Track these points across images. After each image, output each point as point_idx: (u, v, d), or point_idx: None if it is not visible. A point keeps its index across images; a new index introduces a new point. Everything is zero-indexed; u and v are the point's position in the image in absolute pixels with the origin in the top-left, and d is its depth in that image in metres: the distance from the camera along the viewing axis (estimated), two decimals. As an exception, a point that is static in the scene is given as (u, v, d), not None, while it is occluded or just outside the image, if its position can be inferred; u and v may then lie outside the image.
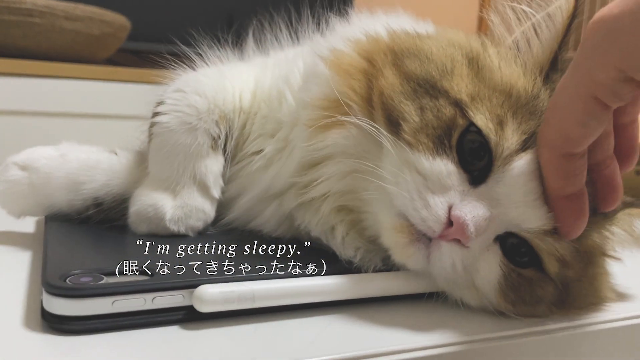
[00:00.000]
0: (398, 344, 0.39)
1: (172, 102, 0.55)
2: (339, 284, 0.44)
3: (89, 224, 0.55)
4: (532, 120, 0.43)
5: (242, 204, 0.54)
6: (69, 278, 0.39)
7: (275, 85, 0.56)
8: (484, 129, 0.42)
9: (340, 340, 0.39)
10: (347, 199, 0.49)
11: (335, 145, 0.48)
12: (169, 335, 0.39)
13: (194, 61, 0.60)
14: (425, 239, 0.43)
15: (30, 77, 1.50)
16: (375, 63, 0.48)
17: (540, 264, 0.44)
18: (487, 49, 0.47)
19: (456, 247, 0.42)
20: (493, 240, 0.44)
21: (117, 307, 0.38)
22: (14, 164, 0.55)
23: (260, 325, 0.41)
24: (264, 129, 0.55)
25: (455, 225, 0.41)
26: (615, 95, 0.37)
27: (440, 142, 0.43)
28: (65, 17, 1.52)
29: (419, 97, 0.44)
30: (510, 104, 0.43)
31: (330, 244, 0.48)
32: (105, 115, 1.55)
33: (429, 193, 0.42)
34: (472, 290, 0.45)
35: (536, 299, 0.44)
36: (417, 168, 0.43)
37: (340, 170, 0.48)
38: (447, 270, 0.43)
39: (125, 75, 1.61)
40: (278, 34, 0.63)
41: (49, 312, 0.38)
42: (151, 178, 0.54)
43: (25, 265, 0.49)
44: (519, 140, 0.42)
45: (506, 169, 0.42)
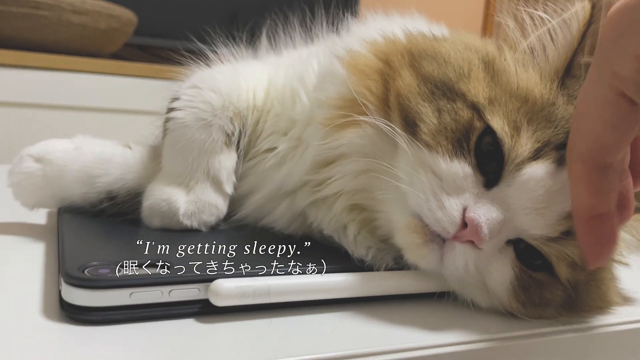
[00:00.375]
0: (409, 341, 0.40)
1: (187, 98, 0.55)
2: (353, 281, 0.44)
3: (102, 217, 0.55)
4: (547, 129, 0.43)
5: (254, 201, 0.55)
6: (87, 269, 0.39)
7: (289, 83, 0.57)
8: (499, 132, 0.43)
9: (353, 336, 0.40)
10: (361, 197, 0.49)
11: (351, 145, 0.48)
12: (185, 327, 0.39)
13: (208, 58, 0.61)
14: (439, 240, 0.43)
15: (36, 69, 1.50)
16: (392, 64, 0.48)
17: (552, 268, 0.44)
18: (503, 53, 0.48)
19: (469, 249, 0.43)
20: (506, 243, 0.44)
21: (135, 299, 0.38)
22: (29, 156, 0.56)
23: (274, 320, 0.41)
24: (276, 126, 0.56)
25: (469, 227, 0.41)
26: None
27: (459, 145, 0.43)
28: (72, 11, 1.52)
29: (436, 99, 0.45)
30: (526, 109, 0.44)
31: (342, 243, 0.49)
32: (111, 110, 1.56)
33: (444, 194, 0.43)
34: (483, 291, 0.45)
35: (545, 301, 0.45)
36: (433, 169, 0.43)
37: (355, 169, 0.48)
38: (459, 271, 0.43)
39: (131, 69, 1.61)
40: (292, 33, 0.64)
41: (68, 303, 0.38)
42: (165, 173, 0.55)
43: (40, 256, 0.50)
44: (532, 148, 0.42)
45: (517, 175, 0.42)
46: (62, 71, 1.53)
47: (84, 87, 1.55)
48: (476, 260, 0.43)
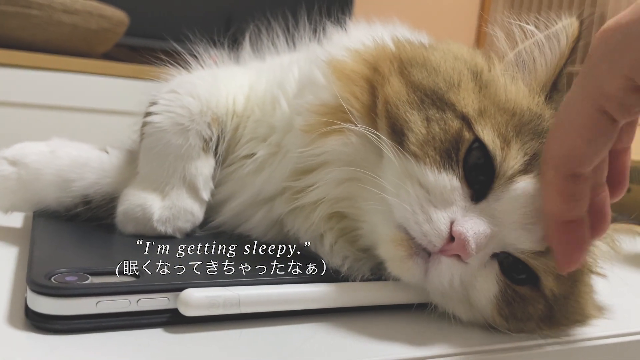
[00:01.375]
0: (384, 354, 0.39)
1: (165, 102, 0.54)
2: (326, 292, 0.43)
3: (77, 221, 0.55)
4: (534, 141, 0.43)
5: (231, 208, 0.54)
6: (54, 277, 0.39)
7: (269, 90, 0.56)
8: (490, 146, 0.42)
9: (325, 348, 0.39)
10: (343, 205, 0.48)
11: (333, 152, 0.47)
12: (153, 337, 0.38)
13: (188, 62, 0.60)
14: (424, 253, 0.43)
15: (25, 68, 1.50)
16: (380, 70, 0.47)
17: (537, 282, 0.44)
18: (492, 65, 0.47)
19: (456, 263, 0.42)
20: (490, 257, 0.44)
21: (102, 307, 0.38)
22: (3, 159, 0.55)
23: (245, 331, 0.40)
24: (255, 132, 0.55)
25: (456, 241, 0.41)
26: (624, 107, 0.35)
27: (447, 156, 0.43)
28: (63, 10, 1.52)
29: (426, 107, 0.44)
30: (514, 122, 0.43)
31: (318, 252, 0.48)
32: (100, 110, 1.55)
33: (431, 207, 0.42)
34: (465, 304, 0.45)
35: (527, 315, 0.44)
36: (420, 181, 0.43)
37: (337, 177, 0.47)
38: (444, 285, 0.43)
39: (121, 70, 1.60)
40: (275, 39, 0.63)
41: (33, 311, 0.37)
42: (140, 178, 0.54)
43: (11, 261, 0.49)
44: (521, 161, 0.42)
45: (507, 188, 0.42)
46: (52, 71, 1.53)
47: (73, 87, 1.55)
48: (462, 275, 0.43)
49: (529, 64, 0.47)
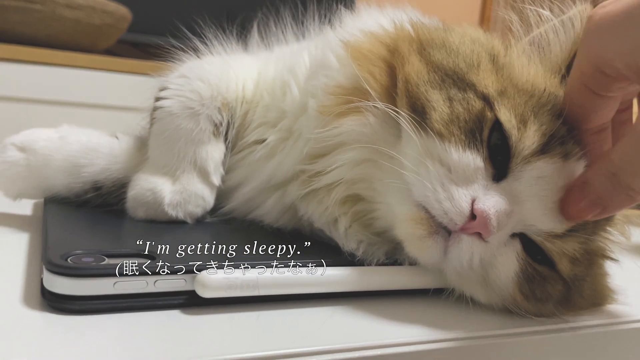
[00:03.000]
0: (400, 337, 0.39)
1: (175, 87, 0.54)
2: (343, 275, 0.43)
3: (87, 207, 0.54)
4: (552, 122, 0.43)
5: (243, 194, 0.54)
6: (70, 257, 0.38)
7: (279, 75, 0.56)
8: (506, 125, 0.42)
9: (342, 331, 0.39)
10: (359, 187, 0.48)
11: (351, 133, 0.47)
12: (169, 319, 0.38)
13: (198, 50, 0.60)
14: (444, 232, 0.42)
15: (28, 63, 1.49)
16: (400, 50, 0.47)
17: (553, 265, 0.44)
18: (508, 48, 0.47)
19: (476, 241, 0.42)
20: (511, 236, 0.44)
21: (119, 288, 0.38)
22: (12, 145, 0.55)
23: (262, 314, 0.40)
24: (265, 118, 0.55)
25: (478, 219, 0.41)
26: (598, 85, 0.40)
27: (472, 136, 0.42)
28: (66, 5, 1.51)
29: (447, 87, 0.44)
30: (532, 103, 0.43)
31: (333, 236, 0.48)
32: (103, 106, 1.55)
33: (452, 185, 0.42)
34: (483, 285, 0.45)
35: (546, 295, 0.44)
36: (441, 159, 0.42)
37: (355, 158, 0.47)
38: (463, 264, 0.42)
39: (124, 66, 1.60)
40: (283, 29, 0.63)
41: (49, 291, 0.37)
42: (151, 162, 0.54)
43: (23, 246, 0.49)
44: (539, 141, 0.42)
45: (525, 168, 0.42)
46: (55, 66, 1.52)
47: (76, 82, 1.54)
48: (482, 253, 0.42)
49: (544, 47, 0.47)
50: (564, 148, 0.43)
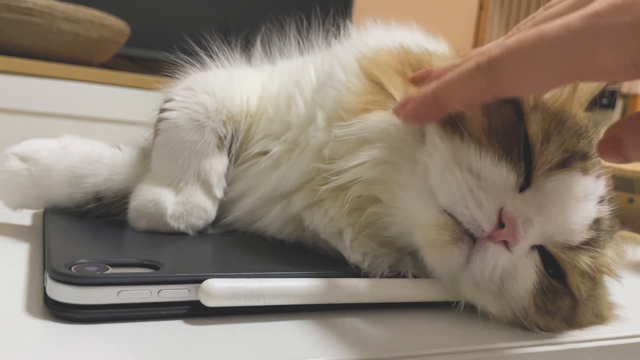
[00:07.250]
0: (404, 349, 0.39)
1: (180, 99, 0.54)
2: (350, 286, 0.43)
3: (88, 217, 0.54)
4: (572, 139, 0.44)
5: (246, 205, 0.54)
6: (74, 266, 0.38)
7: (284, 89, 0.56)
8: (532, 137, 0.43)
9: (346, 343, 0.39)
10: (376, 189, 0.47)
11: (375, 129, 0.46)
12: (173, 329, 0.38)
13: (203, 62, 0.60)
14: (468, 240, 0.42)
15: (25, 76, 1.49)
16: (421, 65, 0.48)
17: (564, 278, 0.44)
18: None
19: (502, 249, 0.42)
20: (530, 248, 0.44)
21: (123, 297, 0.37)
22: (14, 155, 0.54)
23: (266, 325, 0.40)
24: (269, 130, 0.55)
25: (507, 227, 0.41)
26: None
27: (509, 147, 0.43)
28: (64, 19, 1.52)
29: None
30: (557, 121, 0.44)
31: (338, 247, 0.48)
32: (99, 119, 1.55)
33: (481, 192, 0.41)
34: (497, 296, 0.44)
35: (557, 309, 0.44)
36: (471, 166, 0.42)
37: (377, 157, 0.46)
38: (485, 273, 0.42)
39: (121, 79, 1.60)
40: (286, 43, 0.63)
41: (53, 300, 0.37)
42: (154, 173, 0.54)
43: (24, 255, 0.48)
44: (560, 157, 0.43)
45: (546, 181, 0.42)
46: (52, 79, 1.52)
47: (73, 96, 1.54)
48: (505, 262, 0.42)
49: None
50: (584, 163, 0.44)
